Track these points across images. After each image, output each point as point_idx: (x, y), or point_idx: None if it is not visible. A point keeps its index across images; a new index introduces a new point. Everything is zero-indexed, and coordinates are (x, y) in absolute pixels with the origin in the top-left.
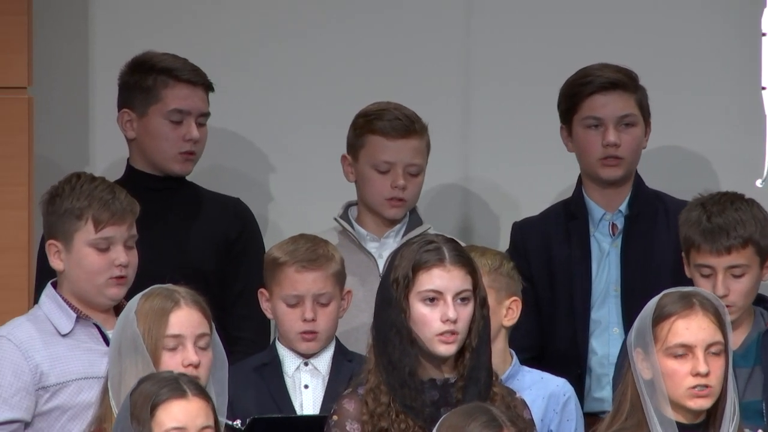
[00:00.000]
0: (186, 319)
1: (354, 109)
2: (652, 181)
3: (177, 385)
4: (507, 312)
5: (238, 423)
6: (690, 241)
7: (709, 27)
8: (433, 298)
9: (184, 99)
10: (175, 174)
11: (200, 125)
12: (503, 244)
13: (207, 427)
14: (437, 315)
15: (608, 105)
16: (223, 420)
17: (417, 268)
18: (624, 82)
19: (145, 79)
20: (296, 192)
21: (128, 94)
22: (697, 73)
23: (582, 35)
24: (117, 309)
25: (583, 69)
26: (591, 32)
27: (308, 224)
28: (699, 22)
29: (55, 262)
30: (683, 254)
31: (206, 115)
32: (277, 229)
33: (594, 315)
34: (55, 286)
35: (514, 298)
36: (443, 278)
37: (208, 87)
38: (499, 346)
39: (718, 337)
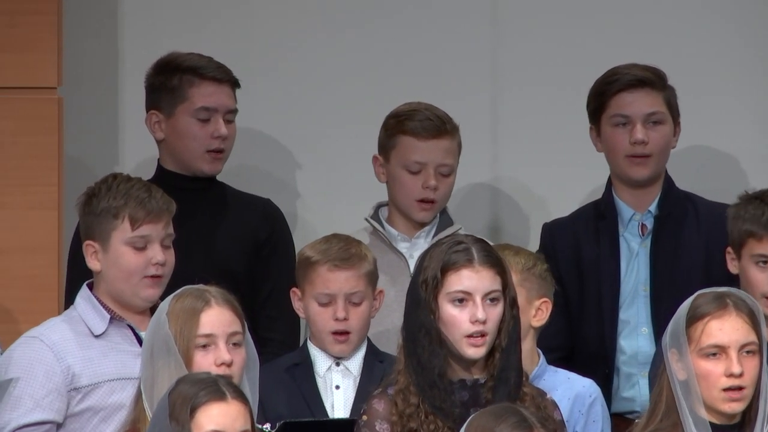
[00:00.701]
0: (217, 318)
1: (382, 109)
2: (681, 181)
3: (216, 388)
4: (536, 312)
5: (267, 427)
6: (748, 233)
7: (738, 27)
8: (462, 299)
9: (211, 96)
10: (204, 173)
11: (228, 122)
12: (532, 244)
13: (245, 430)
14: (466, 316)
15: (635, 102)
16: (256, 397)
17: (446, 268)
18: (651, 79)
19: (170, 80)
20: (326, 192)
21: (155, 96)
22: (725, 73)
23: (610, 36)
24: (153, 310)
25: (612, 68)
26: (619, 33)
27: (338, 225)
28: (728, 21)
29: (92, 263)
30: (730, 250)
31: (233, 111)
32: (306, 230)
33: (623, 315)
34: (90, 287)
35: (544, 299)
36: (472, 279)
37: (234, 84)
38: (527, 346)
39: (752, 338)
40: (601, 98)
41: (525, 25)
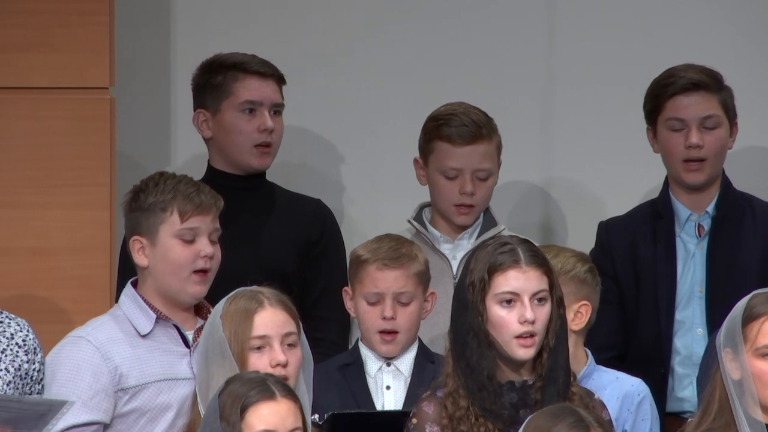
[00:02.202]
0: (271, 319)
1: (432, 108)
2: (738, 182)
3: (265, 387)
4: (575, 316)
5: (316, 417)
6: None
7: None
8: (510, 300)
9: (255, 90)
10: (253, 168)
11: (275, 116)
12: (584, 244)
13: (296, 428)
14: (515, 317)
15: (690, 106)
16: (307, 418)
17: (492, 270)
18: (706, 82)
19: (215, 77)
20: (372, 191)
21: (201, 95)
22: None
23: (666, 35)
24: (197, 309)
25: (668, 70)
26: (676, 32)
27: (384, 224)
28: None
29: (139, 258)
30: None
31: (280, 105)
32: (352, 229)
33: (678, 315)
34: (135, 285)
35: (583, 302)
36: (519, 279)
37: (279, 79)
38: (571, 348)
39: None
40: (656, 100)
41: (580, 24)
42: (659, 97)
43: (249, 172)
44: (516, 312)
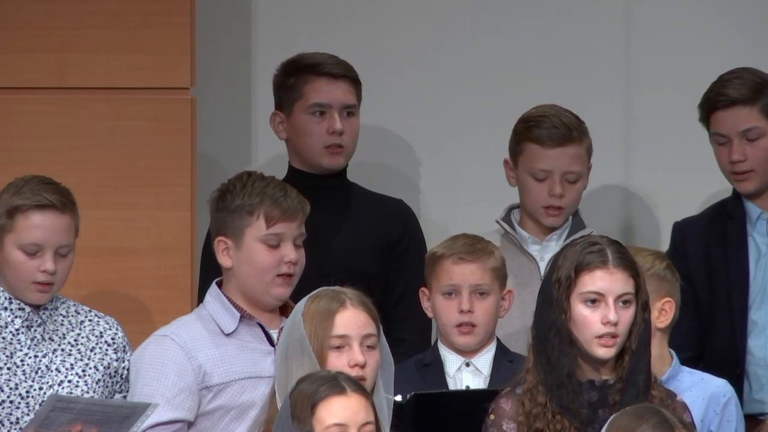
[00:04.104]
0: (352, 319)
1: (513, 112)
2: None
3: (336, 383)
4: (660, 314)
5: (399, 398)
6: None
7: None
8: (595, 300)
9: (324, 92)
10: (325, 169)
11: (348, 117)
12: (665, 245)
13: (368, 423)
14: (598, 317)
15: (729, 121)
16: (390, 397)
17: (580, 269)
18: (743, 97)
19: (288, 79)
20: (453, 193)
21: (277, 96)
22: None
23: (745, 38)
24: (282, 309)
25: (717, 80)
26: (749, 36)
27: (464, 226)
28: None
29: (224, 259)
30: None
31: (351, 106)
32: (432, 229)
33: (752, 315)
34: (219, 285)
35: (666, 299)
36: (605, 280)
37: (352, 80)
38: (656, 348)
39: None
40: (702, 113)
41: (659, 28)
42: (703, 109)
43: (327, 172)
44: (599, 312)
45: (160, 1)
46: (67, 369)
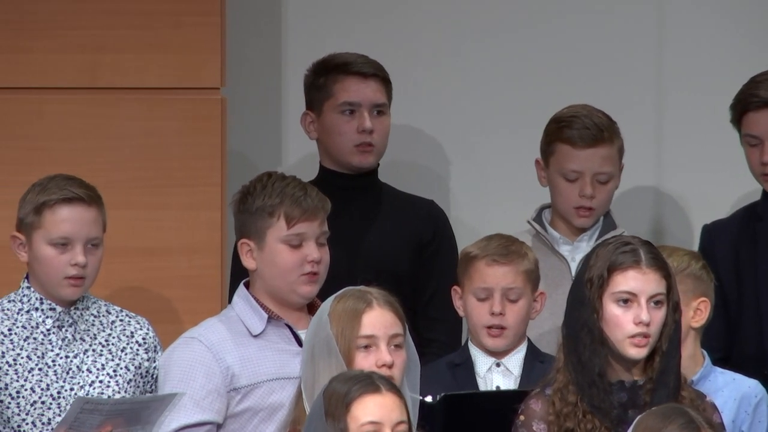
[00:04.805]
0: (378, 319)
1: (545, 112)
2: None
3: (370, 381)
4: (695, 313)
5: (429, 398)
6: None
7: None
8: (627, 300)
9: (354, 91)
10: (355, 168)
11: (378, 116)
12: (695, 247)
13: (402, 422)
14: (630, 317)
15: (761, 122)
16: (416, 396)
17: (612, 268)
18: None
19: (318, 78)
20: (482, 193)
21: (308, 96)
22: None
23: None
24: (310, 308)
25: (748, 82)
26: None
27: (493, 226)
28: None
29: (248, 261)
30: None
31: (381, 105)
32: (461, 229)
33: None
34: (247, 286)
35: (702, 298)
36: (638, 280)
37: (382, 79)
38: (689, 348)
39: None
40: (734, 114)
41: (690, 28)
42: (735, 110)
43: (358, 172)
44: (632, 312)
45: (191, 1)
46: (98, 369)
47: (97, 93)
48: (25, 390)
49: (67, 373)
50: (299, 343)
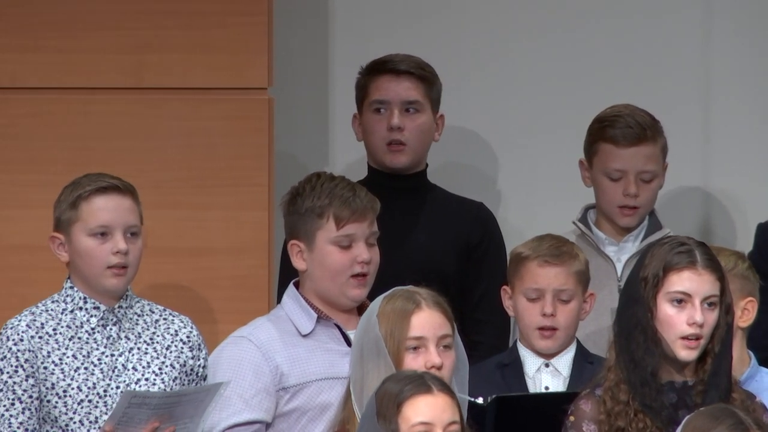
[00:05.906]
0: (427, 320)
1: (591, 112)
2: None
3: (422, 381)
4: (742, 313)
5: (480, 400)
6: None
7: None
8: (681, 300)
9: (384, 89)
10: (387, 167)
11: (411, 113)
12: (742, 247)
13: (453, 422)
14: (684, 317)
15: None
16: (465, 397)
17: (668, 268)
18: None
19: (362, 79)
20: (530, 193)
21: (356, 97)
22: None
23: None
24: (359, 308)
25: None
26: None
27: (540, 226)
28: None
29: (298, 262)
30: None
31: (414, 102)
32: (508, 230)
33: None
34: (297, 286)
35: (749, 298)
36: (693, 281)
37: (420, 77)
38: (737, 348)
39: None
40: None
41: (738, 26)
42: None
43: (397, 172)
44: (686, 313)
45: (238, 0)
46: (143, 367)
47: (143, 93)
48: (72, 389)
49: (113, 371)
50: (348, 343)
